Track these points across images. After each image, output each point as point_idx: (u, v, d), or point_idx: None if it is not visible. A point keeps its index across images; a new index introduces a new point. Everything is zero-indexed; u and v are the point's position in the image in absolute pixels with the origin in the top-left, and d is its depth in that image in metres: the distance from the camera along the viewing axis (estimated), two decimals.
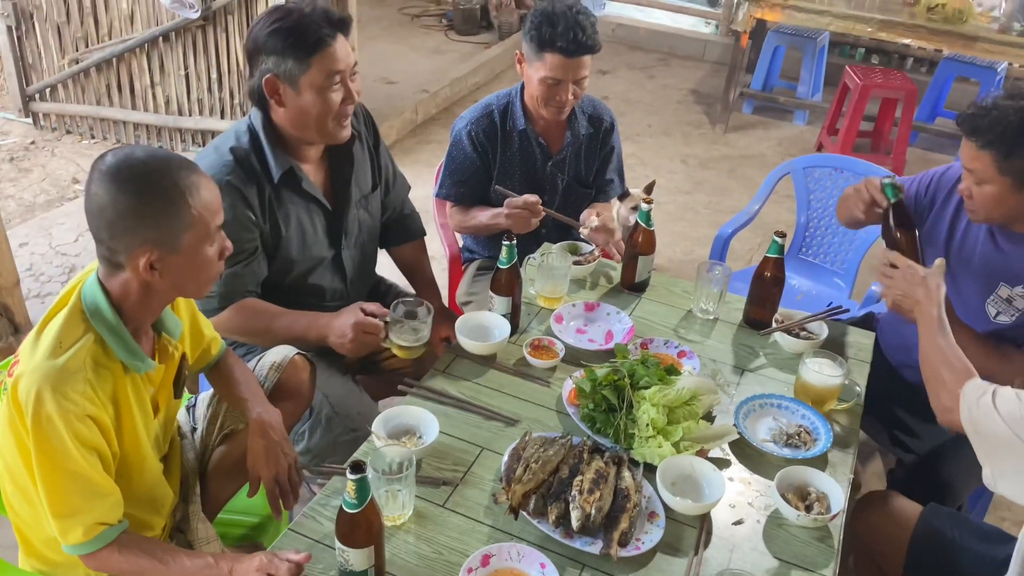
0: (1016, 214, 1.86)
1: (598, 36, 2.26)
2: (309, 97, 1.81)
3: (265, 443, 1.64)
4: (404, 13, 6.95)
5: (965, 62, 5.10)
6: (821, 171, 3.02)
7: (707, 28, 7.03)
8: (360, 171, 2.10)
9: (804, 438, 1.76)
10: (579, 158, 2.52)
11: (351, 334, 1.82)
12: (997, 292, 1.96)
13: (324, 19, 1.80)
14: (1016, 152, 1.74)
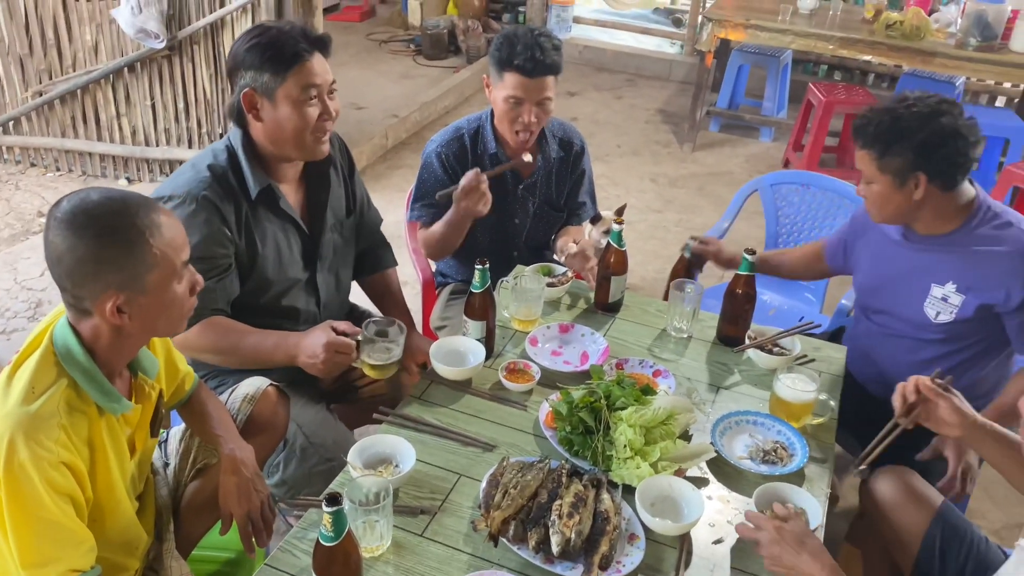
0: (906, 212, 2.00)
1: (559, 58, 2.27)
2: (286, 110, 1.83)
3: (237, 480, 1.61)
4: (372, 39, 6.98)
5: (924, 77, 5.21)
6: (788, 187, 3.06)
7: (672, 48, 7.12)
8: (335, 196, 2.11)
9: (780, 454, 1.77)
10: (550, 181, 2.53)
11: (323, 354, 1.78)
12: (931, 294, 2.04)
13: (302, 35, 1.84)
14: (891, 151, 1.90)
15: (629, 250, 2.27)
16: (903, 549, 1.78)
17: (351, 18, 7.38)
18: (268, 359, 1.88)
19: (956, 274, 2.00)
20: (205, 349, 1.86)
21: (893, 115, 1.90)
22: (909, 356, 2.13)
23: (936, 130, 1.86)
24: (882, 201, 1.98)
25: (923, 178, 1.91)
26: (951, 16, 4.60)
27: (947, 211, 1.98)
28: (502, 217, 2.47)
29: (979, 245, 1.96)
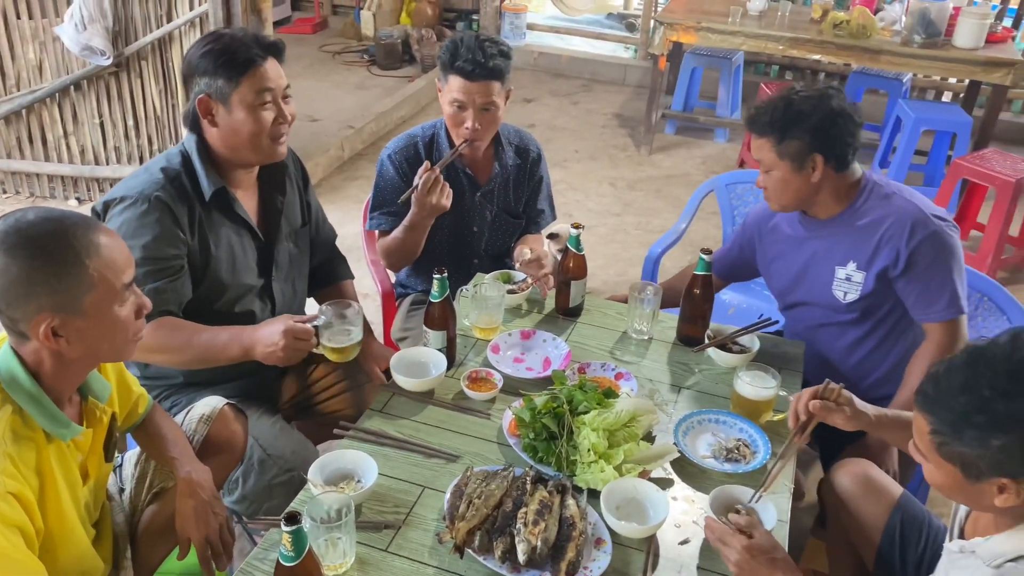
0: (803, 196, 2.07)
1: (504, 64, 2.26)
2: (241, 115, 1.84)
3: (194, 503, 1.58)
4: (325, 51, 6.93)
5: (873, 75, 5.31)
6: (743, 187, 3.09)
7: (626, 53, 7.18)
8: (290, 205, 2.11)
9: (743, 451, 1.77)
10: (507, 189, 2.52)
11: (282, 340, 1.75)
12: (836, 276, 2.12)
13: (255, 41, 1.85)
14: (787, 135, 1.98)
15: (589, 255, 2.27)
16: (865, 541, 1.80)
17: (303, 30, 7.33)
18: (222, 354, 1.84)
19: (854, 252, 2.08)
20: (156, 349, 1.80)
21: (786, 102, 1.99)
22: (837, 342, 2.20)
23: (828, 112, 1.96)
24: (782, 187, 2.05)
25: (820, 159, 1.99)
26: (896, 14, 4.70)
27: (840, 192, 2.07)
28: (460, 226, 2.46)
29: (869, 219, 2.05)
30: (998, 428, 1.20)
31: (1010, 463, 1.22)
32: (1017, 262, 4.27)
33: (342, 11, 7.63)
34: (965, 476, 1.27)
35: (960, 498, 1.36)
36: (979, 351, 1.25)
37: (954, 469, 1.28)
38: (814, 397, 1.70)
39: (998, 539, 1.32)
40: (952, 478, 1.29)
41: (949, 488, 1.32)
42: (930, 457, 1.31)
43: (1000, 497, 1.26)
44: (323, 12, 7.60)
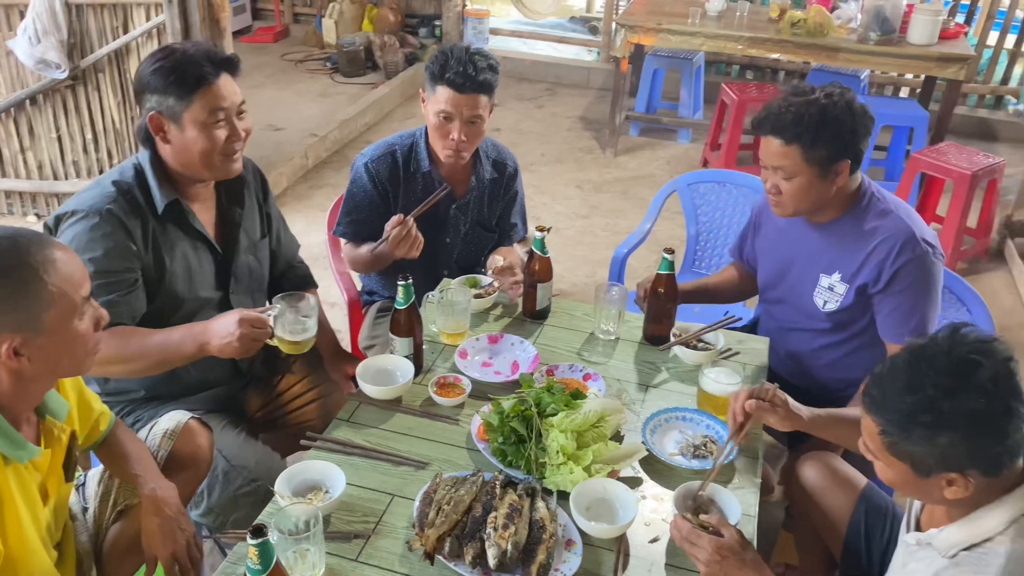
0: (820, 203, 2.02)
1: (493, 77, 2.24)
2: (193, 133, 1.81)
3: (160, 520, 1.55)
4: (287, 59, 6.88)
5: (831, 72, 5.37)
6: (705, 186, 3.12)
7: (589, 56, 7.21)
8: (249, 218, 2.09)
9: (710, 447, 1.79)
10: (483, 202, 2.51)
11: (238, 331, 1.73)
12: (819, 283, 2.11)
13: (206, 57, 1.82)
14: (818, 142, 1.91)
15: (557, 257, 2.27)
16: (832, 532, 1.82)
17: (264, 39, 7.27)
18: (178, 353, 1.81)
19: (840, 263, 2.06)
20: (111, 359, 1.77)
21: (819, 108, 1.90)
22: (809, 345, 2.20)
23: (856, 116, 1.92)
24: (803, 193, 1.98)
25: (846, 165, 1.95)
26: (852, 12, 4.77)
27: (843, 198, 2.04)
28: (433, 238, 2.44)
29: (862, 232, 2.02)
30: (944, 426, 1.22)
31: (957, 459, 1.25)
32: (976, 253, 4.35)
33: (303, 19, 7.59)
34: (915, 473, 1.30)
35: (912, 493, 1.39)
36: (920, 350, 1.28)
37: (905, 467, 1.30)
38: (750, 397, 1.71)
39: (951, 529, 1.34)
40: (903, 475, 1.32)
41: (901, 484, 1.35)
42: (881, 456, 1.34)
43: (949, 490, 1.29)
44: (284, 21, 7.55)
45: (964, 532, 1.32)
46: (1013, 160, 4.96)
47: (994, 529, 1.29)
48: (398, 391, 1.93)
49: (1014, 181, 4.77)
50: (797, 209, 2.04)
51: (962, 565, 1.30)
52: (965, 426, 1.22)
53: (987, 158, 4.19)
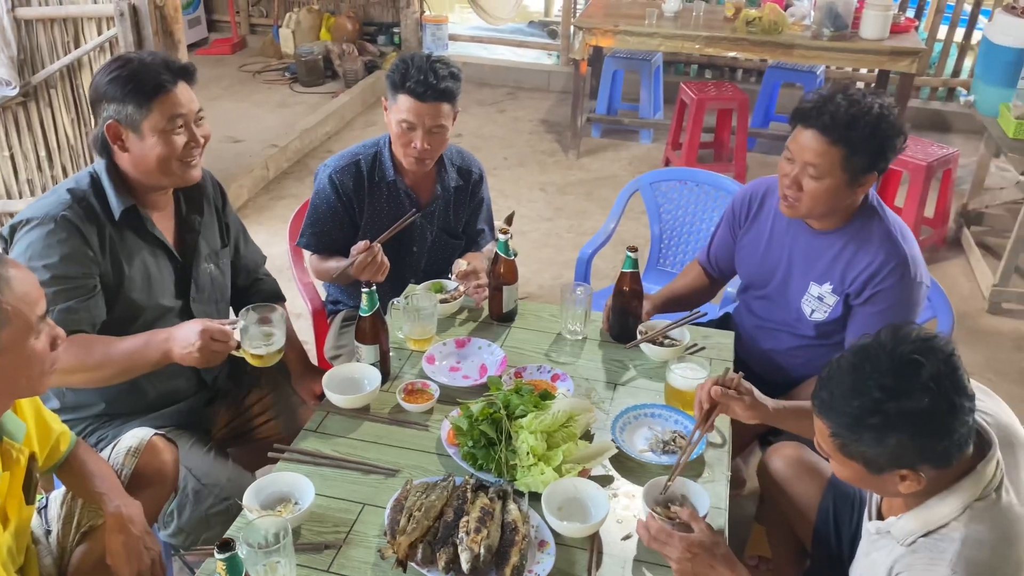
0: (834, 210, 1.97)
1: (455, 86, 2.24)
2: (152, 140, 1.81)
3: (124, 538, 1.53)
4: (245, 71, 6.82)
5: (788, 69, 5.46)
6: (667, 184, 3.14)
7: (549, 60, 7.24)
8: (208, 227, 2.07)
9: (679, 443, 1.80)
10: (448, 210, 2.50)
11: (198, 341, 1.71)
12: (809, 291, 2.09)
13: (163, 66, 1.82)
14: (862, 151, 1.85)
15: (524, 260, 2.26)
16: (801, 521, 1.84)
17: (222, 51, 7.20)
18: (141, 360, 1.79)
19: (833, 275, 2.03)
20: (73, 368, 1.74)
21: (879, 118, 1.84)
22: (783, 344, 2.21)
23: (900, 135, 1.88)
24: (825, 197, 1.92)
25: (873, 179, 1.92)
26: (805, 9, 4.84)
27: (850, 208, 2.00)
28: (400, 247, 2.43)
29: (860, 247, 1.99)
30: (891, 427, 1.24)
31: (907, 457, 1.27)
32: (934, 242, 4.43)
33: (260, 30, 7.53)
34: (869, 471, 1.32)
35: (869, 488, 1.42)
36: (863, 351, 1.29)
37: (858, 466, 1.32)
38: (716, 385, 1.72)
39: (907, 517, 1.36)
40: (858, 473, 1.34)
41: (857, 480, 1.37)
42: (834, 456, 1.36)
43: (903, 485, 1.31)
44: (241, 32, 7.48)
45: (920, 520, 1.34)
46: (966, 151, 5.06)
47: (948, 515, 1.31)
48: (365, 399, 1.91)
49: (967, 171, 4.87)
50: (811, 211, 1.97)
51: (919, 552, 1.32)
52: (911, 426, 1.24)
53: (941, 149, 4.27)
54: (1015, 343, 3.70)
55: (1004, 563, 1.27)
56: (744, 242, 2.25)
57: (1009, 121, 3.80)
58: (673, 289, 2.44)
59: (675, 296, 2.41)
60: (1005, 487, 1.33)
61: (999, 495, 1.31)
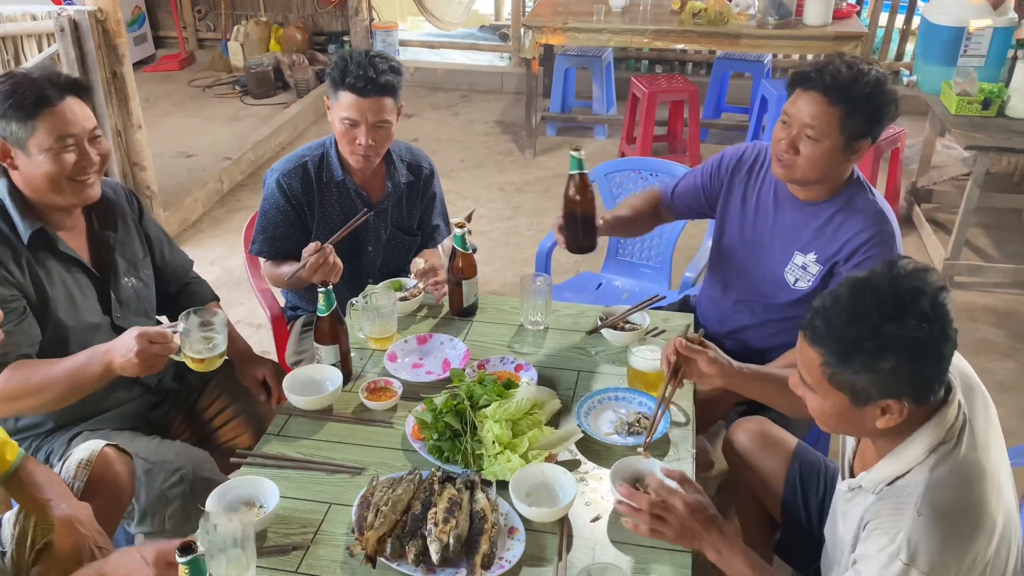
0: (826, 175, 1.97)
1: (395, 80, 2.22)
2: (39, 158, 1.76)
3: (74, 539, 1.50)
4: (194, 86, 6.73)
5: (736, 59, 5.53)
6: (622, 174, 3.16)
7: (502, 62, 7.25)
8: (124, 243, 2.03)
9: (644, 423, 1.80)
10: (401, 207, 2.49)
11: (136, 346, 1.68)
12: (792, 260, 2.10)
13: (48, 81, 1.76)
14: (859, 113, 1.87)
15: (486, 258, 2.26)
16: (769, 494, 1.86)
17: (170, 67, 7.09)
18: (86, 378, 1.76)
19: (818, 245, 2.04)
20: (19, 395, 1.71)
21: (878, 81, 1.86)
22: (755, 318, 2.22)
23: (895, 106, 1.90)
24: (821, 161, 1.92)
25: (866, 147, 1.93)
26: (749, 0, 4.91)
27: (838, 180, 2.01)
28: (355, 247, 2.41)
29: (846, 219, 1.99)
30: (888, 351, 1.24)
31: (897, 384, 1.27)
32: None
33: (208, 44, 7.44)
34: (853, 402, 1.31)
35: (843, 426, 1.41)
36: (860, 281, 1.29)
37: (842, 397, 1.32)
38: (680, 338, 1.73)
39: (878, 467, 1.38)
40: (839, 406, 1.33)
41: (835, 416, 1.36)
42: (819, 388, 1.35)
43: (882, 419, 1.31)
44: (188, 47, 7.38)
45: (889, 467, 1.36)
46: (913, 131, 5.16)
47: (914, 460, 1.33)
48: (327, 400, 1.89)
49: (915, 151, 4.97)
50: (806, 174, 1.97)
51: (885, 499, 1.33)
52: (907, 351, 1.24)
53: (888, 129, 4.35)
54: (968, 314, 3.78)
55: (966, 505, 1.29)
56: (730, 208, 2.23)
57: (951, 98, 3.89)
58: (625, 211, 2.38)
59: (626, 218, 2.36)
60: (969, 431, 1.35)
61: (960, 439, 1.33)
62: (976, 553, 1.28)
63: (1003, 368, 3.37)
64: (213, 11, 7.26)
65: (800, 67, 1.96)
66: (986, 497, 1.30)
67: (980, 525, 1.29)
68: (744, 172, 2.21)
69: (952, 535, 1.27)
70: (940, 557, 1.25)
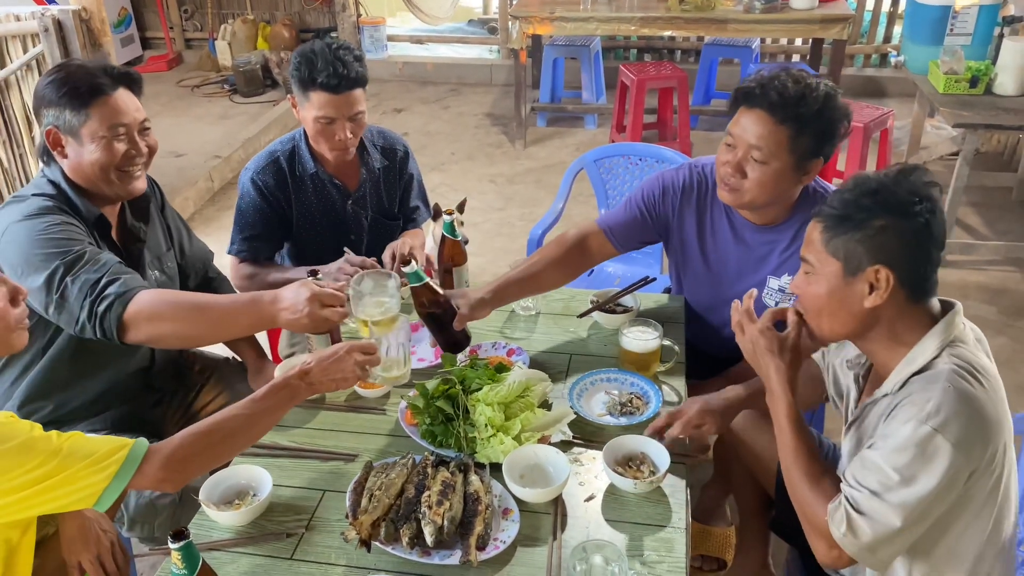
0: (776, 200, 1.88)
1: (364, 69, 2.21)
2: (91, 147, 1.78)
3: (80, 522, 1.50)
4: (183, 86, 6.71)
5: (724, 45, 5.53)
6: (611, 160, 3.16)
7: (490, 54, 7.24)
8: (152, 234, 2.04)
9: (636, 404, 1.81)
10: (379, 192, 2.48)
11: (307, 307, 1.67)
12: (768, 285, 2.00)
13: (103, 70, 1.79)
14: (808, 131, 1.77)
15: (479, 250, 2.25)
16: (764, 471, 1.86)
17: (158, 68, 7.07)
18: (236, 322, 1.75)
19: (791, 267, 1.93)
20: (163, 316, 1.69)
21: (828, 96, 1.77)
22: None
23: (846, 121, 1.82)
24: (770, 184, 1.82)
25: (818, 166, 1.84)
26: None
27: (791, 199, 1.91)
28: (338, 237, 2.41)
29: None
30: (883, 209, 1.34)
31: (887, 247, 1.34)
32: None
33: (196, 44, 7.41)
34: (845, 270, 1.38)
35: (832, 317, 1.43)
36: (870, 172, 1.42)
37: (836, 267, 1.39)
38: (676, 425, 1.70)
39: (893, 374, 1.41)
40: (832, 280, 1.40)
41: (827, 295, 1.41)
42: (817, 263, 1.42)
43: (869, 297, 1.37)
44: (176, 48, 7.36)
45: (905, 368, 1.39)
46: (902, 113, 5.17)
47: (930, 355, 1.37)
48: None
49: (904, 132, 4.97)
50: (755, 199, 1.85)
51: (912, 385, 1.36)
52: (898, 213, 1.33)
53: (876, 110, 4.35)
54: (961, 291, 3.79)
55: (987, 399, 1.33)
56: (686, 240, 2.09)
57: (939, 77, 3.89)
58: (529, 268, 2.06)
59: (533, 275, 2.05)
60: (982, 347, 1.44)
61: (963, 344, 1.40)
62: (994, 449, 1.32)
63: (996, 344, 3.37)
64: (200, 11, 7.23)
65: (743, 83, 1.84)
66: (1003, 404, 1.36)
67: (1000, 422, 1.33)
68: (693, 201, 2.05)
69: (976, 418, 1.30)
70: (966, 433, 1.28)
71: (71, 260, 1.69)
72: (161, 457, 1.34)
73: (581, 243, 2.11)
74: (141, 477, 1.30)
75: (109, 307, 1.66)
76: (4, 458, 1.20)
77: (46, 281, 1.67)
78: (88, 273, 1.68)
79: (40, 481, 1.21)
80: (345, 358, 1.56)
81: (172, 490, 1.36)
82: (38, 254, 1.68)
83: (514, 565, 1.45)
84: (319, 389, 1.57)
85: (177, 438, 1.39)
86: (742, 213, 1.97)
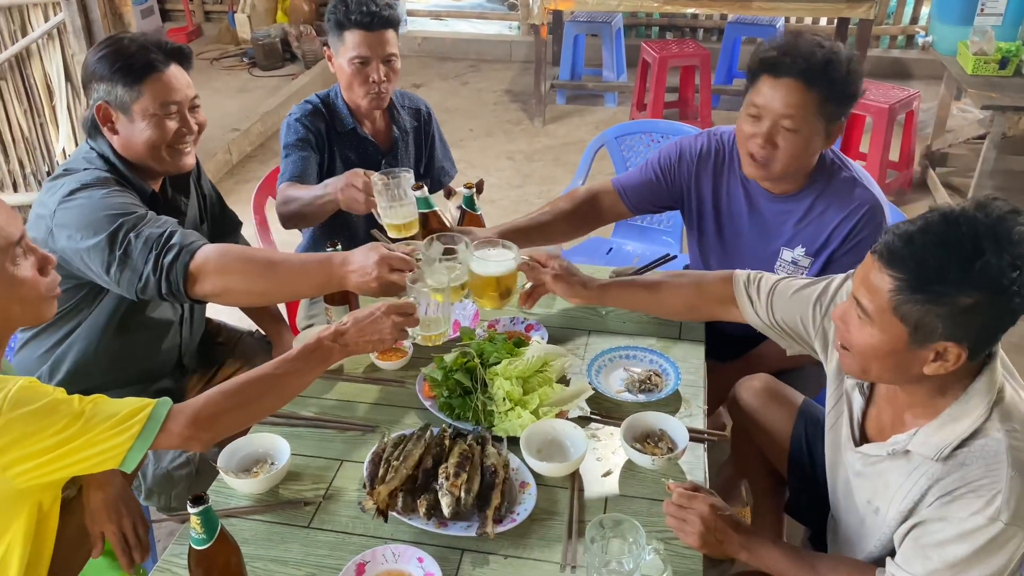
0: (806, 165, 1.87)
1: (395, 12, 2.26)
2: (142, 124, 1.76)
3: (104, 495, 1.52)
4: (202, 58, 6.69)
5: (748, 23, 5.45)
6: (632, 137, 3.13)
7: (510, 31, 7.19)
8: (191, 206, 2.04)
9: (655, 381, 1.80)
10: (409, 151, 2.51)
11: (375, 271, 1.67)
12: (781, 257, 1.99)
13: (156, 46, 1.77)
14: (834, 95, 1.76)
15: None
16: (776, 449, 1.85)
17: (177, 40, 7.04)
18: (305, 281, 1.74)
19: (805, 237, 1.93)
20: (233, 270, 1.68)
21: (850, 59, 1.76)
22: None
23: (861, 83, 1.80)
24: (800, 152, 1.80)
25: (841, 129, 1.82)
26: None
27: (809, 167, 1.89)
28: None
29: (828, 204, 1.89)
30: (974, 286, 1.14)
31: (967, 326, 1.17)
32: (900, 185, 4.46)
33: (215, 17, 7.40)
34: (911, 339, 1.21)
35: (882, 367, 1.29)
36: (953, 212, 1.18)
37: (902, 332, 1.21)
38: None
39: (929, 429, 1.29)
40: (894, 342, 1.23)
41: (883, 355, 1.25)
42: (878, 319, 1.23)
43: (932, 365, 1.22)
44: (195, 20, 7.34)
45: (949, 430, 1.27)
46: (928, 95, 5.09)
47: (979, 418, 1.25)
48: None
49: (930, 115, 4.90)
50: (786, 168, 1.82)
51: (970, 464, 1.24)
52: (994, 290, 1.13)
53: (902, 91, 4.29)
54: None
55: None
56: (703, 209, 2.09)
57: (968, 58, 3.82)
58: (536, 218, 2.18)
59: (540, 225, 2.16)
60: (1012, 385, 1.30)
61: (1005, 394, 1.27)
62: None
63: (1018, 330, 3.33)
64: None
65: (762, 52, 1.80)
66: None
67: None
68: (709, 167, 2.05)
69: None
70: None
71: (134, 219, 1.67)
72: (187, 415, 1.34)
73: (593, 199, 2.16)
74: (167, 435, 1.30)
75: (176, 257, 1.64)
76: (29, 421, 1.20)
77: (108, 238, 1.64)
78: (152, 228, 1.67)
79: (66, 443, 1.22)
80: (382, 319, 1.55)
81: (200, 449, 1.36)
82: (101, 216, 1.66)
83: (530, 538, 1.45)
84: (354, 350, 1.55)
85: (204, 397, 1.39)
86: (760, 183, 1.95)
